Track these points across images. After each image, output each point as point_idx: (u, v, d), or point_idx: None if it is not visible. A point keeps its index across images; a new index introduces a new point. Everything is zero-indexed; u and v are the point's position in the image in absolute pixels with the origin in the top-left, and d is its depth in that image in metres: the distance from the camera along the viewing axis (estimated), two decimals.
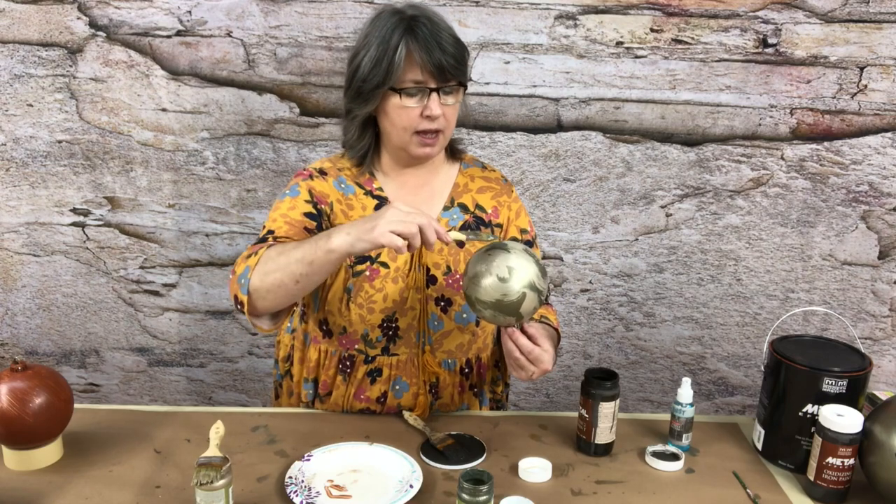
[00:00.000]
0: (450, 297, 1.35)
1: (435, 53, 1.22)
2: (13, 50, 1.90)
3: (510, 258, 1.14)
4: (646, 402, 2.19)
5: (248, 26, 1.88)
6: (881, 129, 1.94)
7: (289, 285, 1.16)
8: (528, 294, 1.14)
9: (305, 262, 1.14)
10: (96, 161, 1.98)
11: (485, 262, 1.15)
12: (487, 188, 1.43)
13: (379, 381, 1.38)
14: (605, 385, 1.25)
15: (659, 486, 1.20)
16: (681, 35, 1.88)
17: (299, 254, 1.15)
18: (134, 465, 1.22)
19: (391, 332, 1.35)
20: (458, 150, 1.45)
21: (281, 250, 1.17)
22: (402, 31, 1.23)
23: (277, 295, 1.18)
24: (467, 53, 1.30)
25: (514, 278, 1.13)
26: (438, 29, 1.24)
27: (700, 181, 1.99)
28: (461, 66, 1.27)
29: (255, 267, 1.17)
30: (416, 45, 1.22)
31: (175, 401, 2.20)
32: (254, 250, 1.21)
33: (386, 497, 1.12)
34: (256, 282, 1.17)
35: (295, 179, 1.36)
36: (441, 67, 1.22)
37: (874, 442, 1.14)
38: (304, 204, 1.31)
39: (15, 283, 2.09)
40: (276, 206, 1.32)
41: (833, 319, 2.08)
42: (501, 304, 1.14)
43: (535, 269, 1.15)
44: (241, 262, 1.21)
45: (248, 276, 1.17)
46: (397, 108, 1.26)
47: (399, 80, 1.24)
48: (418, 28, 1.23)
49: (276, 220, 1.29)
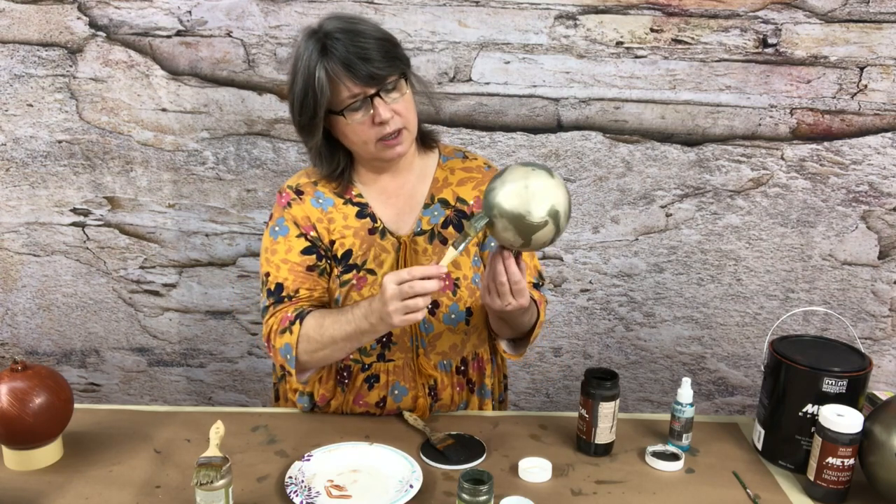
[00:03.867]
0: (436, 298, 1.34)
1: (357, 67, 1.18)
2: (13, 50, 1.90)
3: (549, 184, 1.11)
4: (646, 402, 2.19)
5: (248, 26, 1.88)
6: (881, 129, 1.94)
7: (339, 357, 1.30)
8: (549, 225, 1.11)
9: (353, 339, 1.24)
10: (96, 161, 1.98)
11: (523, 175, 1.11)
12: (468, 179, 1.39)
13: (377, 386, 1.37)
14: (605, 385, 1.25)
15: (659, 486, 1.20)
16: (681, 35, 1.88)
17: (342, 333, 1.24)
18: (134, 465, 1.22)
19: (384, 339, 1.35)
20: (431, 138, 1.41)
21: (317, 325, 1.26)
22: (317, 55, 1.20)
23: (324, 364, 1.33)
24: (395, 43, 1.24)
25: (544, 202, 1.09)
26: (354, 38, 1.20)
27: (700, 181, 1.99)
28: (391, 59, 1.22)
29: (296, 346, 1.26)
30: (335, 66, 1.19)
31: (175, 401, 2.20)
32: (284, 324, 1.27)
33: (386, 497, 1.12)
34: (305, 357, 1.28)
35: (277, 210, 1.35)
36: (369, 74, 1.19)
37: (874, 442, 1.14)
38: (297, 240, 1.32)
39: (15, 283, 2.09)
40: (272, 249, 1.33)
41: (833, 319, 2.08)
42: (519, 221, 1.10)
43: (566, 203, 1.12)
44: (275, 336, 1.28)
45: (292, 353, 1.26)
46: (347, 126, 1.24)
47: (334, 102, 1.22)
48: (333, 47, 1.19)
49: (279, 269, 1.31)
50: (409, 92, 1.26)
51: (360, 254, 1.32)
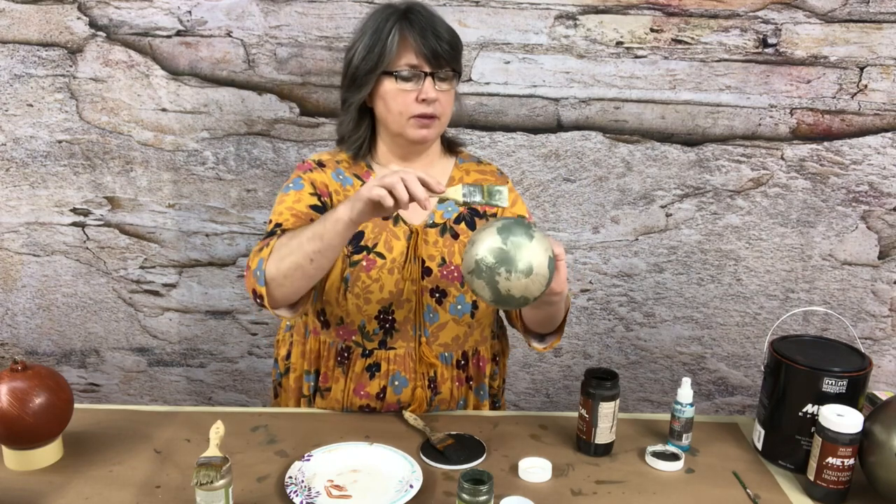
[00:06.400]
0: (444, 288, 1.36)
1: (429, 39, 1.25)
2: (13, 50, 1.90)
3: (526, 251, 1.06)
4: (646, 402, 2.19)
5: (248, 26, 1.88)
6: (881, 129, 1.94)
7: (304, 266, 1.18)
8: (529, 290, 1.08)
9: (316, 237, 1.16)
10: (96, 161, 1.98)
11: (499, 251, 1.06)
12: (482, 180, 1.44)
13: (378, 376, 1.38)
14: (605, 385, 1.25)
15: (659, 486, 1.20)
16: (681, 35, 1.88)
17: (309, 232, 1.18)
18: (134, 465, 1.22)
19: (388, 325, 1.36)
20: (456, 144, 1.47)
21: (291, 235, 1.21)
22: (396, 18, 1.27)
23: (294, 279, 1.19)
24: (461, 45, 1.33)
25: (516, 272, 1.05)
26: (433, 17, 1.30)
27: (700, 181, 1.99)
28: (456, 53, 1.30)
29: (268, 257, 1.20)
30: (410, 30, 1.26)
31: (175, 401, 2.20)
32: (265, 243, 1.23)
33: (386, 497, 1.12)
34: (272, 269, 1.19)
35: (297, 172, 1.38)
36: (436, 53, 1.26)
37: (874, 442, 1.14)
38: (309, 196, 1.34)
39: (15, 283, 2.09)
40: (281, 200, 1.34)
41: (833, 319, 2.08)
42: (498, 297, 1.08)
43: (547, 269, 1.07)
44: (253, 256, 1.24)
45: (262, 267, 1.19)
46: (393, 91, 1.28)
47: (393, 63, 1.27)
48: (412, 15, 1.28)
49: (282, 214, 1.31)
50: (454, 91, 1.33)
51: (371, 236, 1.34)
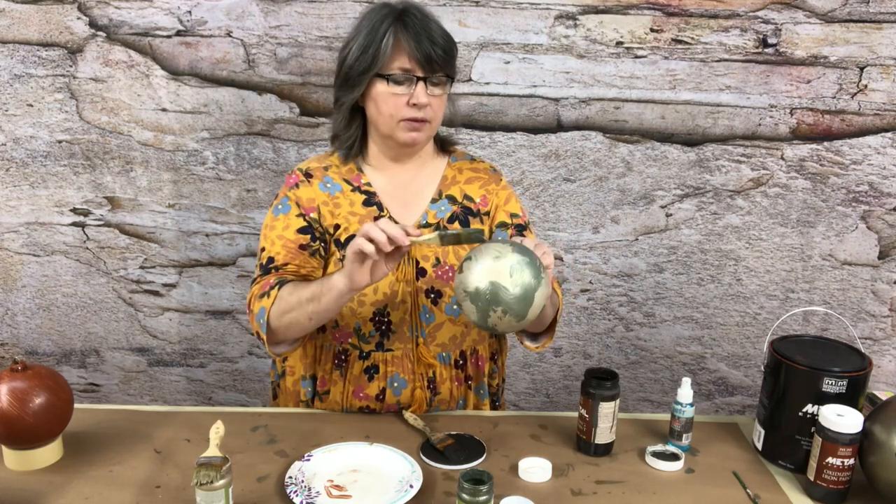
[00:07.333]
0: (439, 288, 1.36)
1: (423, 43, 1.24)
2: (13, 50, 1.90)
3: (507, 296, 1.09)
4: (646, 402, 2.19)
5: (248, 26, 1.88)
6: (881, 129, 1.94)
7: (304, 322, 1.26)
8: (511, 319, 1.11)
9: (315, 299, 1.23)
10: (96, 161, 1.98)
11: (503, 292, 1.09)
12: (475, 178, 1.44)
13: (376, 377, 1.38)
14: (605, 385, 1.25)
15: (659, 486, 1.20)
16: (681, 35, 1.88)
17: (308, 293, 1.23)
18: (134, 465, 1.22)
19: (384, 327, 1.36)
20: (450, 143, 1.47)
21: (293, 289, 1.26)
22: (391, 21, 1.26)
23: (295, 331, 1.29)
24: (456, 49, 1.32)
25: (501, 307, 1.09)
26: (428, 21, 1.28)
27: (700, 181, 1.99)
28: (449, 58, 1.29)
29: (270, 308, 1.26)
30: (404, 34, 1.25)
31: (175, 401, 2.20)
32: (265, 289, 1.29)
33: (386, 497, 1.12)
34: (275, 321, 1.27)
35: (283, 190, 1.39)
36: (429, 57, 1.25)
37: (874, 442, 1.14)
38: (296, 219, 1.35)
39: (15, 283, 2.09)
40: (272, 225, 1.36)
41: (833, 319, 2.08)
42: (483, 325, 1.13)
43: (538, 313, 1.13)
44: (255, 300, 1.30)
45: (265, 317, 1.26)
46: (384, 94, 1.28)
47: (386, 66, 1.26)
48: (408, 18, 1.27)
49: (273, 244, 1.34)
50: (446, 96, 1.33)
51: None
